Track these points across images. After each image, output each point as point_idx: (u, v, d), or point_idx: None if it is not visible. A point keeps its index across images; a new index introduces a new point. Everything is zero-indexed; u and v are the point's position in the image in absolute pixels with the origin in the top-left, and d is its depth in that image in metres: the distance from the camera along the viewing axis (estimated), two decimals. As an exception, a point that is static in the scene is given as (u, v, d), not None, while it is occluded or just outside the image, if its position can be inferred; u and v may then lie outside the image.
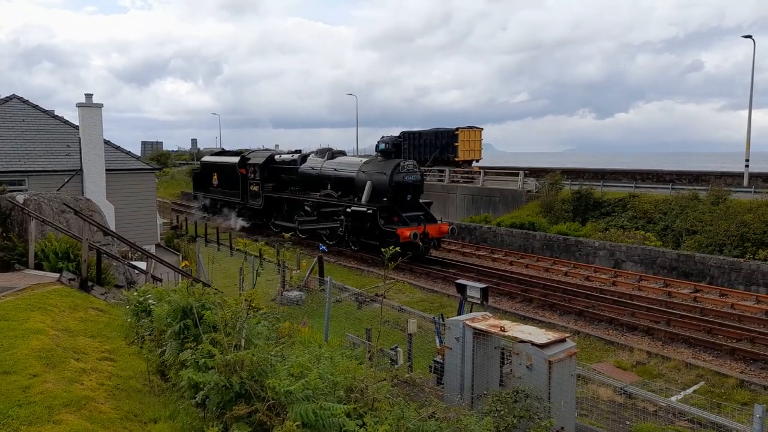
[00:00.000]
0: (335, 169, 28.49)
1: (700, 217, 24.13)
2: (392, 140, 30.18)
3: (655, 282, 21.12)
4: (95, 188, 19.81)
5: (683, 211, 25.36)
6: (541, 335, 7.30)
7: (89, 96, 20.25)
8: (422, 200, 26.71)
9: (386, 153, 26.70)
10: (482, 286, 9.61)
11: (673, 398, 11.30)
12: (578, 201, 29.49)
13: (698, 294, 19.46)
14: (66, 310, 8.31)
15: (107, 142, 22.20)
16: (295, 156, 31.76)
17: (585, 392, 10.96)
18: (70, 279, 10.26)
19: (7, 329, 6.88)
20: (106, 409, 5.24)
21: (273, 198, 32.21)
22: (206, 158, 43.03)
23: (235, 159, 35.76)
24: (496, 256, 26.45)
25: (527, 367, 6.93)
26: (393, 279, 20.87)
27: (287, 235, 21.34)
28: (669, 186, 30.15)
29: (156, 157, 75.69)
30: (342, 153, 31.06)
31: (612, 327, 16.42)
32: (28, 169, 20.25)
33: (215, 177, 37.66)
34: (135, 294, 6.76)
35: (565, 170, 37.70)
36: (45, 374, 5.72)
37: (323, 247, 23.80)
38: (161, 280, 13.99)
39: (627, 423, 9.78)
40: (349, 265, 25.12)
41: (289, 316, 14.44)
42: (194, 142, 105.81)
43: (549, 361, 6.78)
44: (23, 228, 11.72)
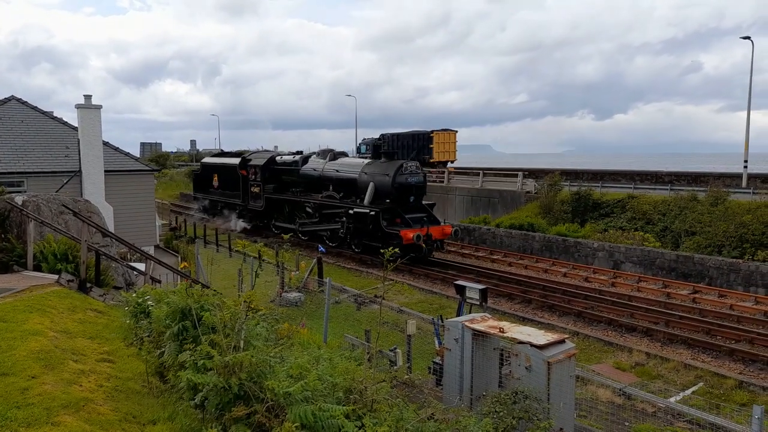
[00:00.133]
0: (337, 171, 28.26)
1: (699, 218, 24.15)
2: (373, 142, 30.47)
3: (654, 283, 21.13)
4: (94, 189, 19.79)
5: (682, 212, 25.39)
6: (540, 336, 7.30)
7: (88, 97, 20.23)
8: (425, 202, 26.46)
9: (389, 154, 26.58)
10: (481, 287, 9.62)
11: (672, 399, 11.30)
12: (577, 202, 29.52)
13: (697, 295, 19.48)
14: (65, 312, 8.29)
15: (106, 143, 22.19)
16: (297, 157, 31.54)
17: (584, 393, 10.96)
18: (69, 280, 10.25)
19: (6, 331, 6.87)
20: (105, 411, 5.24)
21: (274, 199, 32.03)
22: (207, 159, 42.88)
23: (236, 160, 35.51)
24: (495, 257, 26.45)
25: (526, 368, 6.93)
26: (392, 280, 20.85)
27: (286, 237, 21.28)
28: (668, 187, 30.16)
29: (155, 158, 75.66)
30: (344, 154, 30.93)
31: (611, 328, 16.42)
32: (27, 171, 20.23)
33: (216, 178, 37.55)
34: (134, 295, 6.75)
35: (564, 171, 37.73)
36: (43, 376, 5.71)
37: (322, 249, 23.77)
38: (160, 282, 13.97)
39: (626, 424, 9.79)
40: (348, 267, 25.10)
41: (288, 318, 14.44)
42: (193, 143, 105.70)
43: (548, 362, 6.78)
44: (22, 229, 11.71)
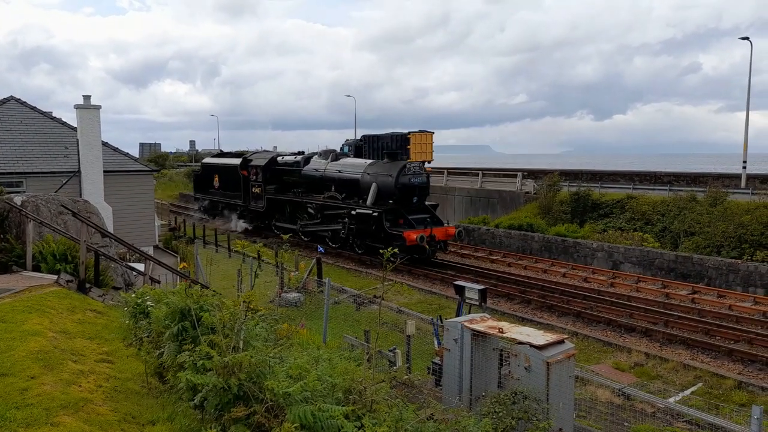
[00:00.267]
0: (339, 171, 28.11)
1: (698, 219, 24.17)
2: (355, 143, 30.80)
3: (653, 283, 21.15)
4: (93, 190, 19.78)
5: (681, 213, 25.41)
6: (540, 337, 7.31)
7: (87, 97, 20.22)
8: (428, 202, 26.28)
9: (392, 155, 26.51)
10: (481, 288, 9.62)
11: (672, 399, 11.31)
12: (576, 202, 29.54)
13: (696, 295, 19.50)
14: (64, 312, 8.28)
15: (105, 144, 22.18)
16: (298, 158, 31.43)
17: (583, 393, 10.97)
18: (68, 281, 10.23)
19: (5, 331, 6.86)
20: (104, 411, 5.23)
21: (275, 200, 31.91)
22: (207, 160, 42.83)
23: (237, 161, 35.38)
24: (495, 258, 26.46)
25: (525, 369, 6.93)
26: (391, 280, 20.85)
27: (286, 237, 21.25)
28: (667, 187, 30.18)
29: (154, 159, 75.60)
30: (346, 154, 30.87)
31: (610, 328, 16.43)
32: (26, 171, 20.23)
33: (216, 179, 37.48)
34: (133, 296, 6.74)
35: (563, 172, 37.76)
36: (43, 376, 5.70)
37: (321, 249, 23.75)
38: (159, 282, 13.95)
39: (625, 424, 9.79)
40: (348, 267, 25.09)
41: (288, 318, 14.44)
42: (192, 144, 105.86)
43: (547, 363, 6.78)
44: (21, 230, 11.70)
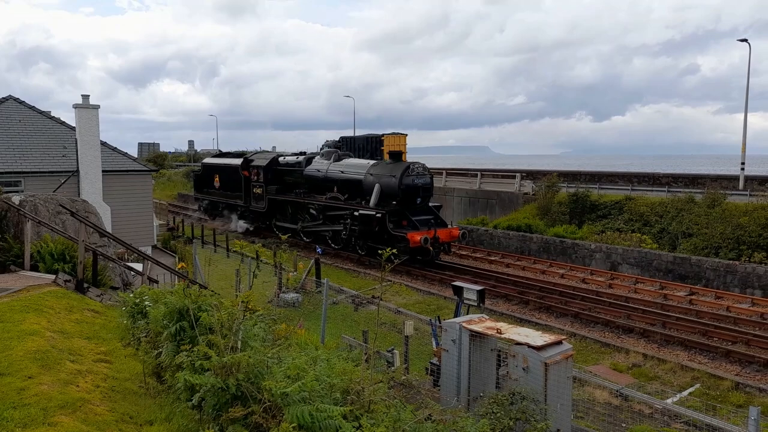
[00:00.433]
0: (342, 172, 27.91)
1: (696, 220, 24.20)
2: (333, 144, 31.15)
3: (651, 284, 21.17)
4: (92, 189, 19.77)
5: (679, 214, 25.44)
6: (538, 337, 7.31)
7: (86, 97, 20.21)
8: (432, 204, 26.03)
9: (395, 155, 26.45)
10: (479, 289, 9.63)
11: (669, 401, 11.33)
12: (575, 203, 29.56)
13: (694, 296, 19.52)
14: (62, 312, 8.28)
15: (104, 144, 22.17)
16: (300, 158, 31.24)
17: (581, 394, 10.99)
18: (66, 280, 10.22)
19: (2, 331, 6.85)
20: (102, 411, 5.22)
21: (277, 200, 31.71)
22: (208, 160, 42.71)
23: (238, 161, 35.22)
24: (493, 259, 26.47)
25: (523, 370, 6.94)
26: (390, 281, 20.86)
27: (284, 237, 21.23)
28: (665, 189, 30.23)
29: (153, 159, 75.48)
30: (348, 155, 30.80)
31: (608, 329, 16.44)
32: (25, 170, 20.22)
33: (217, 179, 37.38)
34: (131, 296, 6.75)
35: (562, 173, 37.79)
36: (40, 376, 5.69)
37: (320, 249, 23.72)
38: (157, 282, 13.94)
39: (623, 425, 9.81)
40: (346, 267, 25.08)
41: (286, 318, 14.44)
42: (191, 144, 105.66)
43: (545, 364, 6.79)
44: (19, 229, 11.69)
